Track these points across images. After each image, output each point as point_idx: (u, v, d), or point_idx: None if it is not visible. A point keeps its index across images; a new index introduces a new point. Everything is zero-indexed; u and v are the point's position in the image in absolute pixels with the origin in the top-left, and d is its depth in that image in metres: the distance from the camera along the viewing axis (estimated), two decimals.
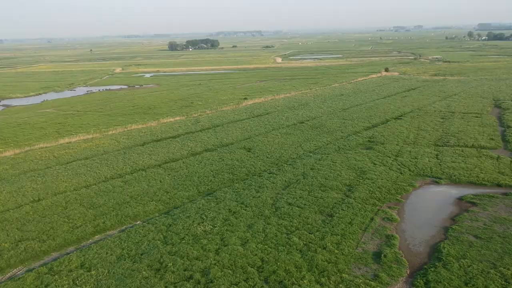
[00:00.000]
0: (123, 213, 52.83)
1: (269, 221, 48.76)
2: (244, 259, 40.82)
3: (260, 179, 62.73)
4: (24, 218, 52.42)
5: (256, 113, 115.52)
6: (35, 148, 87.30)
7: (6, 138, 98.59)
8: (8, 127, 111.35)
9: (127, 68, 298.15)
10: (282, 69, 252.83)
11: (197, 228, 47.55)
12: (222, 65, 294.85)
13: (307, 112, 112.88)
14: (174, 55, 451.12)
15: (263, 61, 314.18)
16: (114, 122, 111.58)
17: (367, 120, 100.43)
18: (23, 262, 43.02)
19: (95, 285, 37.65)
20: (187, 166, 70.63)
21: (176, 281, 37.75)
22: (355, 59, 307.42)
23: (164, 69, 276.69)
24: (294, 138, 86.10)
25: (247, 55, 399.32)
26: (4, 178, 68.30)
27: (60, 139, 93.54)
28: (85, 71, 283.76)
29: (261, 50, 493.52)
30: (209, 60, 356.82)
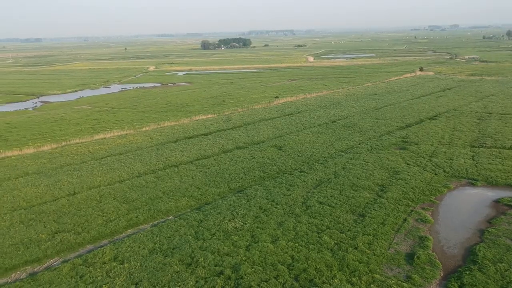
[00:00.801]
0: (155, 208, 53.63)
1: (299, 220, 48.59)
2: (274, 257, 40.81)
3: (291, 178, 62.58)
4: (60, 211, 53.85)
5: (287, 111, 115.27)
6: (71, 143, 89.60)
7: (44, 133, 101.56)
8: (46, 122, 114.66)
9: (161, 66, 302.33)
10: (314, 68, 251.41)
11: (228, 225, 47.81)
12: (254, 64, 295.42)
13: (339, 111, 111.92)
14: (206, 54, 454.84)
15: (295, 60, 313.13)
16: (147, 119, 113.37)
17: (400, 120, 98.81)
18: (59, 253, 44.20)
19: (127, 278, 38.35)
20: (219, 163, 71.10)
21: (207, 276, 38.08)
22: (389, 58, 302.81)
23: (196, 68, 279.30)
24: (326, 137, 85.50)
25: (278, 54, 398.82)
26: (42, 171, 70.35)
27: (95, 135, 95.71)
28: (119, 69, 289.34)
29: (293, 49, 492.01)
30: (241, 59, 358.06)
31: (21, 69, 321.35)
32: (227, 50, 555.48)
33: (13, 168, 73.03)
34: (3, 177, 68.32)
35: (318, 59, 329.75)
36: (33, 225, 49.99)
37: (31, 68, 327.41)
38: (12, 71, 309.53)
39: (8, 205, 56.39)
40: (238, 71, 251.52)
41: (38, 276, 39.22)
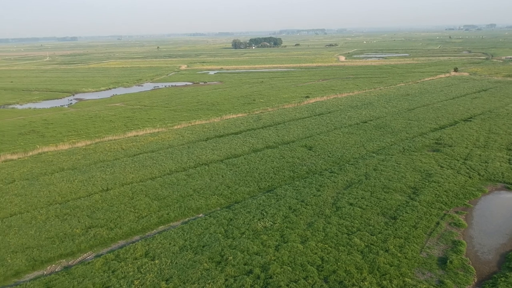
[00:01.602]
0: (186, 205, 54.24)
1: (329, 221, 48.30)
2: (303, 257, 40.71)
3: (321, 178, 62.24)
4: (93, 206, 55.10)
5: (318, 111, 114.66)
6: (104, 140, 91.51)
7: (78, 129, 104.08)
8: (80, 119, 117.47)
9: (192, 65, 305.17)
10: (345, 67, 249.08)
11: (258, 224, 47.94)
12: (284, 63, 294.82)
13: (371, 112, 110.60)
14: (237, 53, 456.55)
15: (326, 60, 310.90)
16: (179, 117, 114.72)
17: (434, 122, 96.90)
18: (92, 247, 45.25)
19: (158, 274, 38.93)
20: (248, 162, 71.35)
21: (236, 274, 38.30)
22: (422, 58, 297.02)
23: (227, 67, 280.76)
24: (357, 138, 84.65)
25: (309, 53, 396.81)
26: (77, 167, 72.12)
27: (127, 132, 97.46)
28: (152, 67, 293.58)
29: (324, 49, 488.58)
30: (271, 58, 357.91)
31: (57, 67, 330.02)
32: (258, 49, 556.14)
33: (49, 163, 75.12)
34: (39, 172, 70.36)
35: (349, 58, 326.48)
36: (67, 219, 51.32)
37: (67, 66, 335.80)
38: (49, 69, 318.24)
39: (44, 199, 58.06)
40: (269, 71, 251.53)
41: (72, 270, 40.26)
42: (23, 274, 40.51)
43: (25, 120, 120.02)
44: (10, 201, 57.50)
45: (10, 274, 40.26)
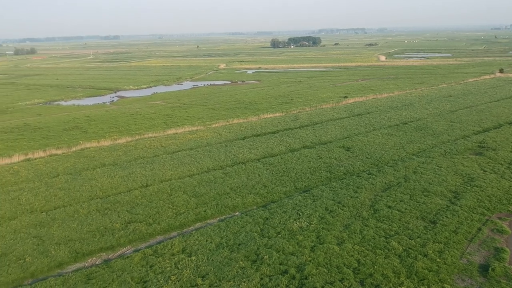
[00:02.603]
0: (223, 203, 54.75)
1: (366, 223, 47.68)
2: (339, 259, 40.37)
3: (359, 179, 61.49)
4: (133, 202, 56.39)
5: (356, 112, 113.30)
6: (144, 137, 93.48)
7: (120, 126, 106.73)
8: (122, 116, 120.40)
9: (231, 64, 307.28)
10: (385, 67, 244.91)
11: (293, 224, 47.86)
12: (323, 62, 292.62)
13: (411, 113, 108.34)
14: (276, 52, 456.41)
15: (366, 59, 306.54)
16: (217, 116, 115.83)
17: (477, 124, 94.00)
18: (131, 242, 46.33)
19: (194, 270, 39.48)
20: (285, 161, 71.28)
21: (271, 274, 38.38)
22: (466, 58, 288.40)
23: (265, 66, 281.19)
24: (396, 139, 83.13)
25: (349, 53, 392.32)
26: (118, 163, 73.98)
27: (167, 130, 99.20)
28: (191, 66, 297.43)
29: (363, 48, 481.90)
30: (310, 57, 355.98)
31: (100, 65, 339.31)
32: (297, 48, 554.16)
33: (91, 159, 77.37)
34: (82, 167, 72.58)
35: (390, 58, 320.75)
36: (108, 214, 52.73)
37: (109, 64, 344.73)
38: (92, 66, 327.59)
39: (86, 194, 59.86)
40: (307, 70, 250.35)
41: (112, 263, 41.36)
42: (65, 266, 41.92)
43: (69, 116, 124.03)
44: (54, 195, 59.58)
45: (53, 265, 41.75)
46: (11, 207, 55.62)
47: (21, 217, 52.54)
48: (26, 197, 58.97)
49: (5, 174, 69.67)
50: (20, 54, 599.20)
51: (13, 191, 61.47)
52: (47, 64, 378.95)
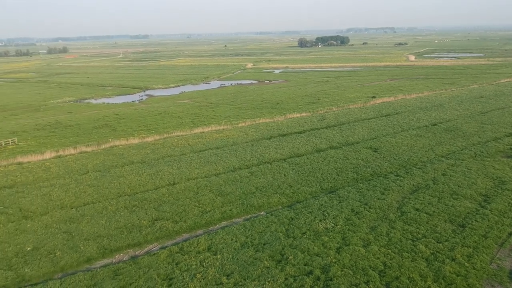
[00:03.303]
0: (248, 202, 54.93)
1: (393, 225, 47.08)
2: (365, 261, 40.00)
3: (386, 181, 60.74)
4: (160, 199, 57.13)
5: (384, 112, 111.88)
6: (172, 135, 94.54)
7: (148, 125, 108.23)
8: (150, 115, 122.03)
9: (258, 63, 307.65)
10: (415, 67, 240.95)
11: (319, 225, 47.64)
12: (351, 62, 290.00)
13: (441, 114, 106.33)
14: (303, 52, 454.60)
15: (395, 59, 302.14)
16: (243, 115, 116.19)
17: (509, 126, 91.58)
18: (158, 239, 46.97)
19: (219, 269, 39.75)
20: (311, 162, 70.99)
21: (296, 274, 38.32)
22: (499, 58, 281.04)
23: (292, 66, 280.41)
24: (425, 141, 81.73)
25: (377, 52, 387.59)
26: (146, 161, 75.05)
27: (194, 129, 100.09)
28: (219, 65, 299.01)
29: (392, 48, 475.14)
30: (337, 57, 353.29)
31: (129, 64, 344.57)
32: (324, 48, 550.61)
33: (120, 156, 78.71)
34: (111, 164, 73.92)
35: (419, 58, 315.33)
36: (136, 211, 53.58)
37: (139, 63, 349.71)
38: (122, 65, 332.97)
39: (115, 191, 60.95)
40: (335, 70, 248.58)
41: (139, 260, 42.03)
42: (94, 261, 42.82)
43: (99, 114, 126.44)
44: (84, 191, 60.90)
45: (82, 260, 42.71)
46: (43, 203, 57.12)
47: (52, 212, 53.90)
48: (57, 193, 60.47)
49: (37, 170, 71.56)
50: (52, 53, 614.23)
51: (44, 187, 63.11)
52: (78, 63, 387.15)
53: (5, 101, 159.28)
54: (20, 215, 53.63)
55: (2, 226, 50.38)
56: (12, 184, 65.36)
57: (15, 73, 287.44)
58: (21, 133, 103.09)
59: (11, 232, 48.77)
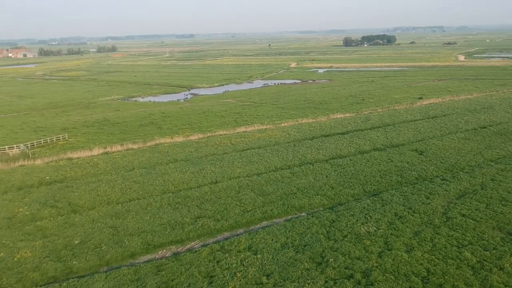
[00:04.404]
0: (289, 203, 54.91)
1: (438, 231, 45.86)
2: (408, 267, 39.19)
3: (431, 185, 59.20)
4: (203, 197, 57.99)
5: (431, 114, 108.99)
6: (215, 134, 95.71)
7: (192, 123, 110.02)
8: (194, 113, 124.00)
9: (302, 63, 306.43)
10: (464, 67, 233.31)
11: (361, 228, 47.06)
12: (397, 62, 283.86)
13: (491, 117, 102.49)
14: (348, 51, 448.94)
15: (443, 59, 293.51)
16: (286, 115, 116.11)
17: None
18: (199, 237, 47.73)
19: (259, 269, 39.98)
20: (354, 163, 70.14)
21: (336, 277, 38.03)
22: None
23: (337, 65, 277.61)
24: (474, 144, 79.06)
25: (425, 52, 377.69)
26: (189, 159, 76.37)
27: (237, 128, 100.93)
28: (263, 64, 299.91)
29: (441, 47, 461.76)
30: (383, 56, 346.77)
31: (176, 63, 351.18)
32: (370, 47, 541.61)
33: (165, 154, 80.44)
34: (156, 161, 75.66)
35: (469, 58, 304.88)
36: (179, 208, 54.64)
37: (184, 62, 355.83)
38: (169, 64, 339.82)
39: (159, 187, 62.38)
40: (380, 69, 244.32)
41: (181, 256, 42.86)
42: (137, 256, 44.03)
43: (146, 112, 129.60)
44: (129, 187, 62.67)
45: (126, 255, 44.00)
46: (90, 198, 59.23)
47: (99, 207, 55.79)
48: (104, 188, 62.53)
49: (86, 166, 74.22)
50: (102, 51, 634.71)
51: (92, 182, 65.39)
52: (126, 61, 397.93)
53: (57, 99, 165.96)
54: (69, 209, 55.84)
55: (52, 219, 52.60)
56: (62, 179, 68.10)
57: (66, 72, 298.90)
58: (71, 130, 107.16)
59: (61, 225, 50.85)
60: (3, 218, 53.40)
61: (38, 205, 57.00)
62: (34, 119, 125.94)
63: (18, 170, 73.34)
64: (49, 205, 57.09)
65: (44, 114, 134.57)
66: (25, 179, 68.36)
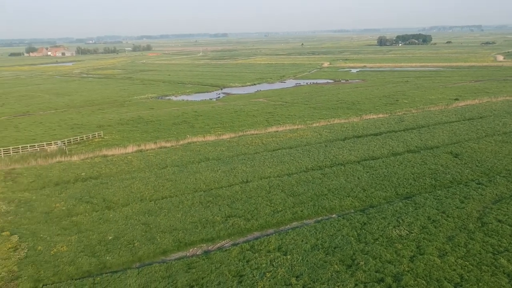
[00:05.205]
0: (320, 204, 54.67)
1: (472, 236, 44.79)
2: (440, 272, 38.45)
3: (466, 189, 57.81)
4: (233, 197, 58.37)
5: (467, 116, 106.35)
6: (247, 134, 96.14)
7: (224, 122, 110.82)
8: (226, 113, 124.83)
9: (335, 62, 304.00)
10: (503, 68, 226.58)
11: (392, 231, 46.42)
12: (433, 62, 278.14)
13: None
14: (382, 50, 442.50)
15: (481, 59, 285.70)
16: (318, 115, 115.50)
17: None
18: (230, 236, 48.07)
19: (289, 269, 39.97)
20: (387, 165, 69.19)
21: (366, 281, 37.66)
22: None
23: (370, 65, 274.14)
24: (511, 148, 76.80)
25: (462, 52, 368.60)
26: (221, 158, 77.00)
27: (268, 128, 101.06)
28: (295, 64, 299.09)
29: (479, 47, 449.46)
30: (418, 56, 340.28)
31: (209, 62, 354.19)
32: (405, 46, 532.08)
33: (196, 152, 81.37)
34: (188, 160, 76.63)
35: (509, 58, 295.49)
36: (210, 207, 55.19)
37: (217, 62, 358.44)
38: (202, 63, 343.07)
39: (191, 186, 63.16)
40: (415, 69, 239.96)
41: (211, 255, 43.30)
42: (169, 253, 44.73)
43: (179, 111, 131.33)
44: (162, 185, 63.70)
45: (158, 252, 44.78)
46: (124, 194, 60.52)
47: (132, 204, 56.95)
48: (137, 185, 63.78)
49: (120, 163, 75.85)
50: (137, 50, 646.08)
51: (126, 179, 66.78)
52: (161, 60, 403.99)
53: (94, 97, 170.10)
54: (103, 205, 57.22)
55: (87, 214, 54.03)
56: (98, 175, 69.84)
57: (102, 70, 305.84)
58: (107, 127, 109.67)
59: (95, 220, 52.17)
60: (41, 212, 55.22)
61: (74, 201, 58.67)
62: (71, 116, 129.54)
63: (55, 166, 75.65)
64: (85, 201, 58.68)
65: (80, 111, 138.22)
66: (62, 175, 70.45)
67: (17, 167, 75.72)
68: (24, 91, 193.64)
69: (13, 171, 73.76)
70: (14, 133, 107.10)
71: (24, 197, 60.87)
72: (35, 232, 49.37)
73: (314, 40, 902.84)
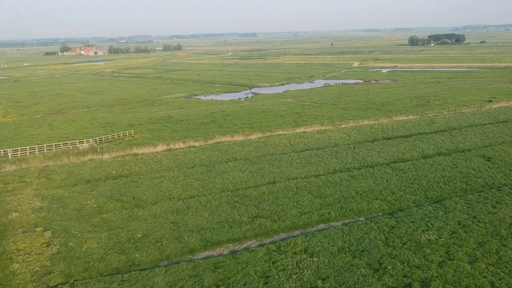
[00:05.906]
0: (347, 206, 54.28)
1: (504, 243, 43.70)
2: (470, 279, 37.69)
3: (499, 194, 56.40)
4: (260, 197, 58.52)
5: (501, 118, 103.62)
6: (274, 134, 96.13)
7: (252, 122, 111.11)
8: (255, 113, 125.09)
9: (365, 62, 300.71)
10: None
11: (421, 236, 45.73)
12: (466, 62, 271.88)
13: None
14: (414, 50, 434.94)
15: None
16: (347, 116, 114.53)
17: None
18: (256, 236, 48.27)
19: (315, 272, 39.88)
20: (416, 168, 68.10)
21: (394, 285, 37.24)
22: None
23: (401, 65, 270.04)
24: None
25: (496, 52, 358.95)
26: (248, 158, 77.29)
27: (296, 128, 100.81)
28: (324, 64, 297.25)
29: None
30: (451, 56, 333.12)
31: (237, 62, 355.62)
32: (437, 46, 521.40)
33: (224, 152, 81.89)
34: (216, 160, 77.21)
35: None
36: (237, 207, 55.51)
37: (246, 61, 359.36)
38: (231, 63, 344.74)
39: (218, 185, 63.65)
40: (447, 70, 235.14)
41: (238, 255, 43.59)
42: (196, 252, 45.26)
43: (207, 110, 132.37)
44: (190, 184, 64.43)
45: (186, 251, 45.35)
46: (153, 193, 61.48)
47: (161, 203, 57.81)
48: (166, 184, 64.68)
49: (150, 162, 77.05)
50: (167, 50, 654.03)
51: (155, 178, 67.82)
52: (190, 60, 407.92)
53: (125, 96, 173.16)
54: (133, 203, 58.29)
55: (117, 212, 55.15)
56: (128, 174, 71.14)
57: (134, 69, 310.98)
58: (137, 126, 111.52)
59: (125, 218, 53.19)
60: (73, 209, 56.67)
61: (104, 198, 59.96)
62: (102, 115, 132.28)
63: (87, 164, 77.45)
64: (115, 198, 59.89)
65: (112, 110, 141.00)
66: (93, 173, 72.09)
67: (50, 164, 77.90)
68: (58, 90, 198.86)
69: (47, 168, 75.89)
70: (48, 131, 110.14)
71: (57, 193, 62.60)
72: (66, 229, 50.73)
73: (344, 39, 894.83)
